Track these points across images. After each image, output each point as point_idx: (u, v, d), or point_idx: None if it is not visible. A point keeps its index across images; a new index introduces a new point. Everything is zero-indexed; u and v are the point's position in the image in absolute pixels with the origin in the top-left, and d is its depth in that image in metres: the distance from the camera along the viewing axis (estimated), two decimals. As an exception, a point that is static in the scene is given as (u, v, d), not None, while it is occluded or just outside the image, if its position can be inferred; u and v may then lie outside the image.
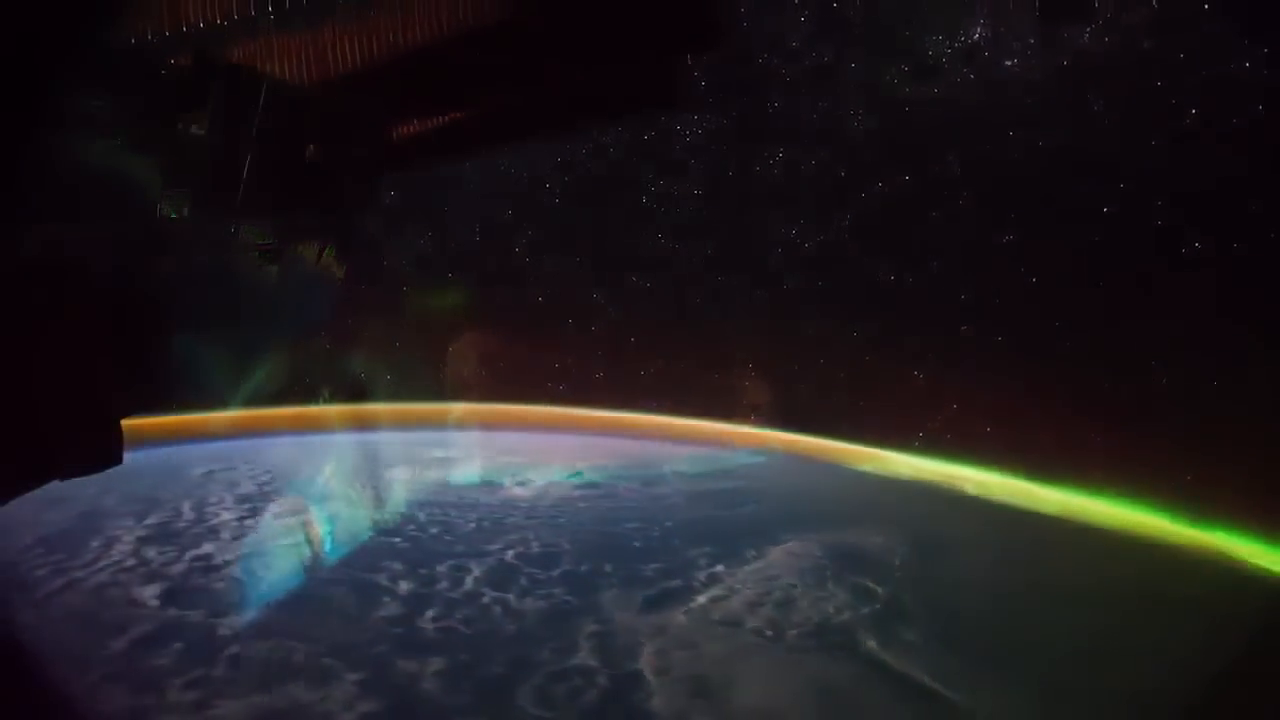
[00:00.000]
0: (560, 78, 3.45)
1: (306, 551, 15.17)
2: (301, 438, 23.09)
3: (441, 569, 13.83)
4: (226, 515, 16.68)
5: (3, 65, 2.10)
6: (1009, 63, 23.33)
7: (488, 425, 26.41)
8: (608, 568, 14.30)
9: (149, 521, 15.56)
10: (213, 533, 15.44)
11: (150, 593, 12.10)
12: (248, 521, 16.47)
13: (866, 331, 26.26)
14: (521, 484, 21.10)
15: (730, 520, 17.97)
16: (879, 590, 13.54)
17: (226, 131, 3.04)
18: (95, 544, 13.89)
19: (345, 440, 23.08)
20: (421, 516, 17.24)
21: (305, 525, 16.47)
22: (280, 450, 22.19)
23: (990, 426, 23.25)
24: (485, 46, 3.02)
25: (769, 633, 11.80)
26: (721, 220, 26.28)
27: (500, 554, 14.88)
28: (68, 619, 10.90)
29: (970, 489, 22.15)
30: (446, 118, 3.69)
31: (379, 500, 18.69)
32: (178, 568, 13.26)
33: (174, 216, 2.88)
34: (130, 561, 13.32)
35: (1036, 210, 24.11)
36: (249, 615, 11.64)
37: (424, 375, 24.54)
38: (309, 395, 23.47)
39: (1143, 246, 23.22)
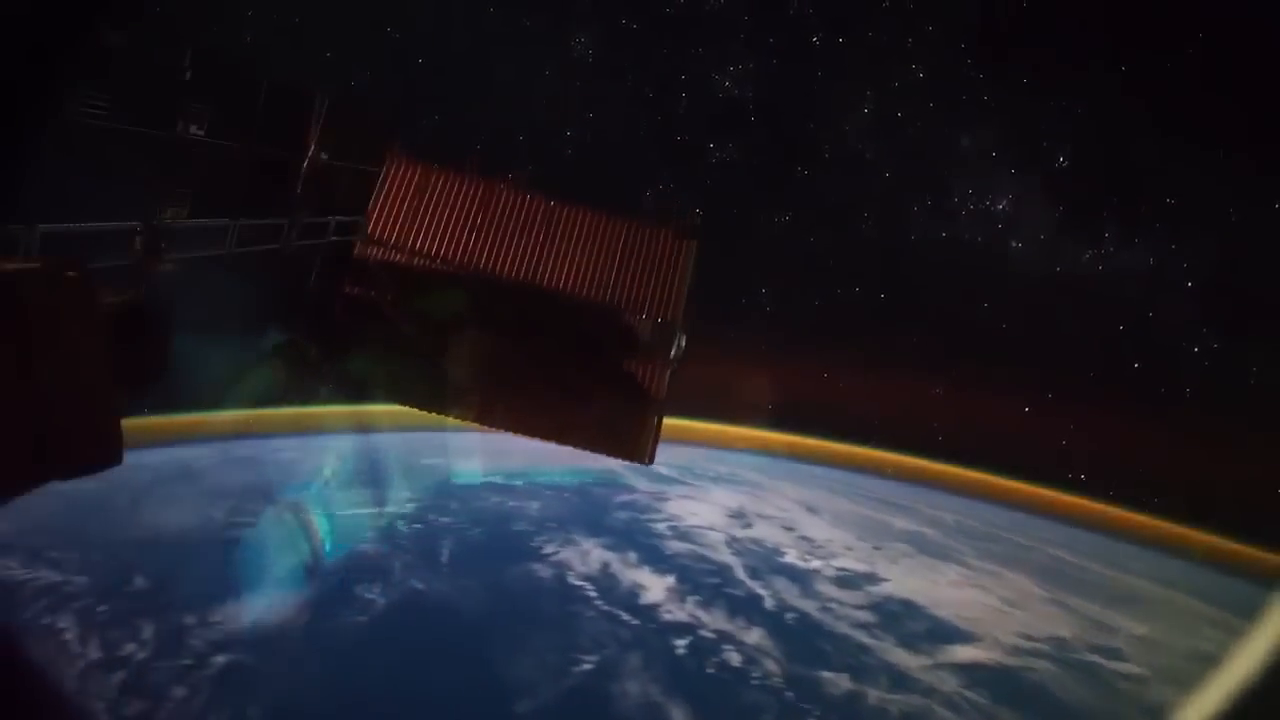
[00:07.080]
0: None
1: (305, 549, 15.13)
2: (302, 438, 23.03)
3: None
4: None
5: (4, 67, 2.11)
6: (1014, 244, 25.12)
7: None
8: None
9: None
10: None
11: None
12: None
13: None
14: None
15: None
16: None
17: (226, 132, 3.04)
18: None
19: (346, 441, 22.99)
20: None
21: (307, 524, 16.41)
22: (281, 451, 22.13)
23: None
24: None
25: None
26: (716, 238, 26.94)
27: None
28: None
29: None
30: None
31: (380, 500, 18.63)
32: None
33: (174, 216, 2.88)
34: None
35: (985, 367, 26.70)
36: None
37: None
38: (309, 395, 23.39)
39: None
